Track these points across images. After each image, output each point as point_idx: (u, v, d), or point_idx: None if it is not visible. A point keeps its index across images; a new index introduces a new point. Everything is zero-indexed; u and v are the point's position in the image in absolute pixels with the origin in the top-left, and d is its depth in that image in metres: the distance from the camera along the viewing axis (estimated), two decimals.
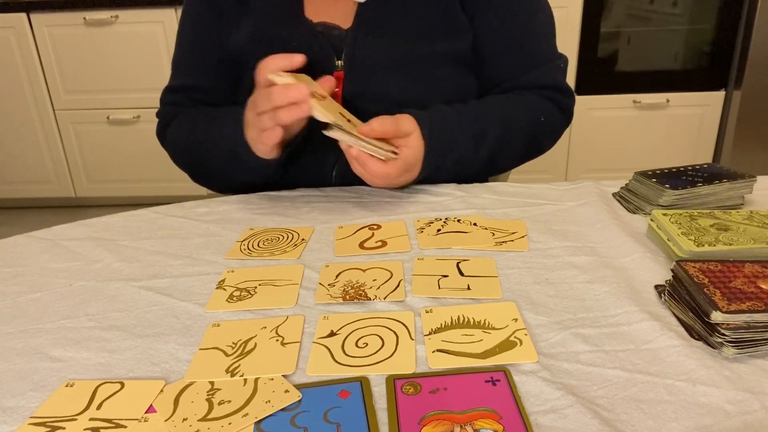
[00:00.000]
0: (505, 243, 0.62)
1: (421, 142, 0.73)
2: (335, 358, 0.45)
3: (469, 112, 0.79)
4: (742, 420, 0.38)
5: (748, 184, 0.68)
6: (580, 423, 0.38)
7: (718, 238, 0.56)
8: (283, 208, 0.76)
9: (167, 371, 0.45)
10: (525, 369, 0.43)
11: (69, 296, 0.56)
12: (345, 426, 0.38)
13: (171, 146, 0.89)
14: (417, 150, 0.73)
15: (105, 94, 2.49)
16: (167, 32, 2.37)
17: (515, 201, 0.74)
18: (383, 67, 0.80)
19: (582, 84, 2.34)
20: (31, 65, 2.44)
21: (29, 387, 0.44)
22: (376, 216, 0.71)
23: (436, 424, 0.38)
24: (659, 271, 0.55)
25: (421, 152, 0.74)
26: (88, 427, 0.40)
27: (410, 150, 0.72)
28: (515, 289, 0.54)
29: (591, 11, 2.26)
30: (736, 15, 2.23)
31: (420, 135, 0.73)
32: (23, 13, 2.36)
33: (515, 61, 0.84)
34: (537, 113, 0.84)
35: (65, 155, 2.59)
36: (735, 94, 2.28)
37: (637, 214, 0.69)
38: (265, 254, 0.63)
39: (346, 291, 0.54)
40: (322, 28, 0.82)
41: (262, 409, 0.40)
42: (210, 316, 0.52)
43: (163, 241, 0.67)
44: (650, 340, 0.46)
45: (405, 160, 0.72)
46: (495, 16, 0.82)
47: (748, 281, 0.47)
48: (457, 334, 0.47)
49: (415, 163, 0.74)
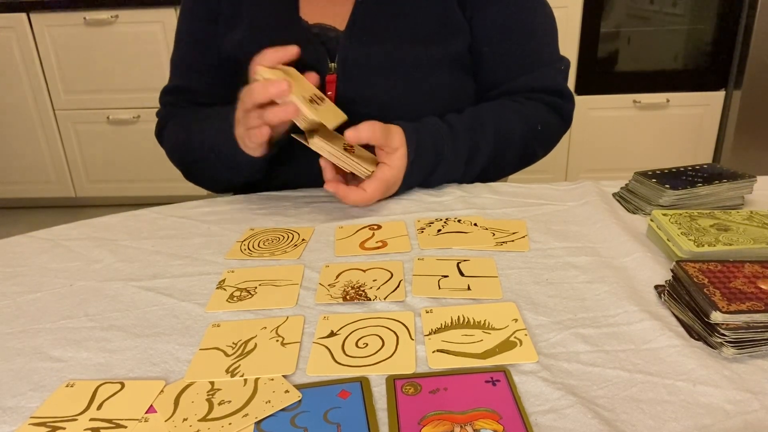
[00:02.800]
0: (506, 243, 0.62)
1: (404, 161, 0.73)
2: (335, 358, 0.45)
3: (463, 127, 0.78)
4: (743, 420, 0.38)
5: (748, 184, 0.68)
6: (580, 423, 0.38)
7: (718, 239, 0.56)
8: (283, 208, 0.76)
9: (167, 371, 0.45)
10: (525, 369, 0.43)
11: (69, 296, 0.57)
12: (345, 426, 0.38)
13: (167, 146, 0.89)
14: (398, 170, 0.73)
15: (105, 94, 2.48)
16: (167, 32, 2.37)
17: (516, 201, 0.74)
18: (376, 71, 0.79)
19: (582, 84, 2.34)
20: (31, 65, 2.44)
21: (29, 387, 0.44)
22: (376, 216, 0.71)
23: (436, 424, 0.38)
24: (659, 271, 0.55)
25: (401, 172, 0.73)
26: (89, 427, 0.40)
27: (391, 170, 0.72)
28: (515, 289, 0.54)
29: (591, 11, 2.26)
30: (736, 15, 2.22)
31: (405, 153, 0.72)
32: (23, 13, 2.36)
33: (515, 62, 0.84)
34: (533, 122, 0.83)
35: (65, 155, 2.59)
36: (735, 94, 2.28)
37: (637, 215, 0.69)
38: (265, 254, 0.63)
39: (346, 291, 0.54)
40: (317, 29, 0.81)
41: (262, 410, 0.40)
42: (210, 316, 0.52)
43: (163, 241, 0.67)
44: (650, 340, 0.46)
45: (383, 180, 0.72)
46: (495, 17, 0.81)
47: (748, 281, 0.47)
48: (458, 335, 0.47)
49: (394, 183, 0.74)
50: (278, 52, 0.70)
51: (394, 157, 0.72)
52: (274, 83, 0.65)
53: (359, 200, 0.71)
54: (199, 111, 0.85)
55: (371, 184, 0.71)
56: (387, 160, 0.72)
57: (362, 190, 0.71)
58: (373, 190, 0.71)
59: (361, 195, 0.71)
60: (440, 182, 0.78)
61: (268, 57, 0.69)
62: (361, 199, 0.71)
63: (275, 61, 0.69)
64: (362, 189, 0.71)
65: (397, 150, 0.72)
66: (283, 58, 0.70)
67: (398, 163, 0.72)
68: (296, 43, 0.79)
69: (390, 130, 0.72)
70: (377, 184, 0.71)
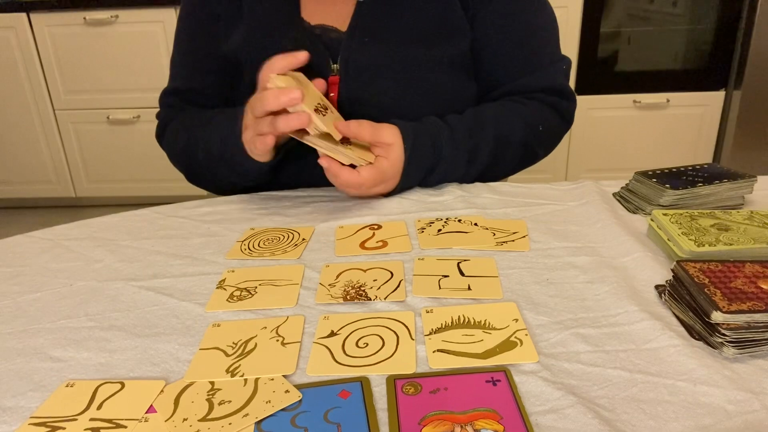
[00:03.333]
0: (506, 243, 0.62)
1: (401, 154, 0.72)
2: (335, 358, 0.45)
3: (464, 127, 0.78)
4: (743, 420, 0.38)
5: (749, 184, 0.68)
6: (581, 423, 0.38)
7: (718, 238, 0.56)
8: (284, 208, 0.76)
9: (167, 371, 0.45)
10: (525, 369, 0.43)
11: (69, 296, 0.56)
12: (345, 426, 0.38)
13: (168, 148, 0.89)
14: (395, 162, 0.72)
15: (105, 94, 2.49)
16: (167, 32, 2.37)
17: (516, 201, 0.74)
18: (379, 72, 0.79)
19: (582, 84, 2.35)
20: (31, 65, 2.44)
21: (29, 387, 0.44)
22: (377, 216, 0.71)
23: (436, 424, 0.38)
24: (660, 271, 0.55)
25: (400, 165, 0.73)
26: (89, 427, 0.39)
27: (388, 162, 0.72)
28: (516, 289, 0.54)
29: (591, 11, 2.26)
30: (736, 15, 2.23)
31: (402, 147, 0.72)
32: (23, 13, 2.36)
33: (516, 62, 0.83)
34: (535, 123, 0.83)
35: (65, 155, 2.59)
36: (735, 94, 2.28)
37: (637, 214, 0.69)
38: (265, 254, 0.63)
39: (346, 291, 0.54)
40: (319, 30, 0.81)
41: (262, 409, 0.40)
42: (210, 316, 0.52)
43: (163, 241, 0.67)
44: (651, 340, 0.46)
45: (379, 169, 0.71)
46: (496, 17, 0.81)
47: (749, 281, 0.47)
48: (458, 334, 0.47)
49: (392, 175, 0.73)
50: (288, 58, 0.69)
51: (390, 150, 0.72)
52: (286, 92, 0.65)
53: (351, 180, 0.70)
54: (200, 114, 0.85)
55: (365, 169, 0.70)
56: (383, 153, 0.72)
57: (356, 173, 0.70)
58: (367, 175, 0.70)
59: (354, 177, 0.70)
60: (440, 182, 0.78)
61: (278, 64, 0.69)
62: (353, 180, 0.70)
63: (285, 68, 0.69)
64: (356, 171, 0.70)
65: (391, 145, 0.72)
66: (293, 64, 0.69)
67: (395, 156, 0.72)
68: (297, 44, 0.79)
69: (380, 127, 0.72)
70: (372, 171, 0.71)
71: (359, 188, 0.72)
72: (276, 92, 0.65)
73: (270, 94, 0.66)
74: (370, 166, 0.71)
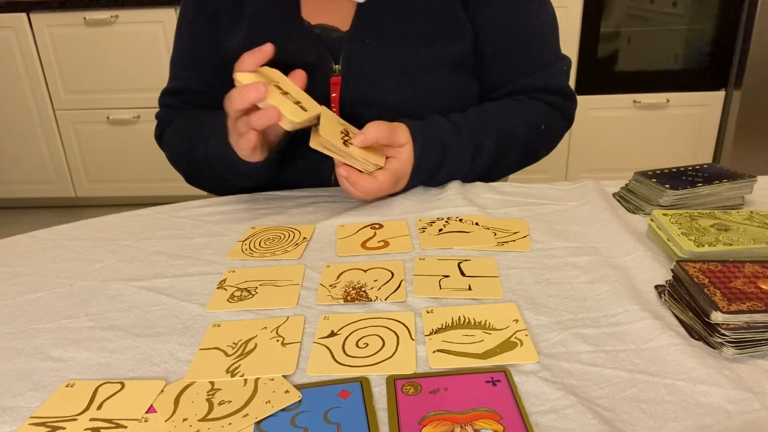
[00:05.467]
0: (507, 243, 0.62)
1: (411, 154, 0.73)
2: (335, 358, 0.45)
3: (467, 126, 0.78)
4: (743, 420, 0.38)
5: (748, 184, 0.68)
6: (581, 423, 0.38)
7: (718, 239, 0.56)
8: (285, 207, 0.76)
9: (167, 371, 0.45)
10: (525, 369, 0.43)
11: (70, 296, 0.57)
12: (345, 426, 0.38)
13: (168, 149, 0.89)
14: (406, 162, 0.73)
15: (105, 94, 2.48)
16: (167, 32, 2.37)
17: (517, 201, 0.74)
18: (381, 72, 0.79)
19: (582, 84, 2.34)
20: (31, 65, 2.44)
21: (29, 387, 0.44)
22: (378, 215, 0.71)
23: (436, 424, 0.38)
24: (659, 271, 0.55)
25: (410, 165, 0.73)
26: (89, 427, 0.40)
27: (400, 162, 0.72)
28: (516, 289, 0.54)
29: (591, 11, 2.26)
30: (736, 15, 2.22)
31: (411, 147, 0.73)
32: (23, 13, 2.36)
33: (517, 62, 0.84)
34: (537, 122, 0.83)
35: (65, 155, 2.59)
36: (735, 94, 2.28)
37: (637, 214, 0.69)
38: (266, 254, 0.63)
39: (347, 292, 0.54)
40: (320, 30, 0.81)
41: (262, 410, 0.40)
42: (210, 316, 0.52)
43: (164, 241, 0.67)
44: (650, 340, 0.46)
45: (394, 171, 0.72)
46: (498, 17, 0.81)
47: (748, 281, 0.47)
48: (458, 335, 0.47)
49: (403, 175, 0.74)
50: (254, 54, 0.68)
51: (401, 151, 0.72)
52: (250, 88, 0.64)
53: (370, 187, 0.71)
54: (199, 115, 0.85)
55: (382, 174, 0.71)
56: (395, 154, 0.73)
57: (373, 178, 0.71)
58: (384, 179, 0.71)
59: (372, 182, 0.71)
60: (445, 180, 0.78)
61: (246, 62, 0.68)
62: (372, 187, 0.71)
63: (254, 65, 0.68)
64: (373, 177, 0.71)
65: (404, 146, 0.73)
66: (259, 59, 0.68)
67: (405, 156, 0.73)
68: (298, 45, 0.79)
69: (395, 128, 0.72)
70: (388, 175, 0.71)
71: (377, 193, 0.72)
72: (241, 90, 0.65)
73: (235, 93, 0.66)
74: (385, 170, 0.72)
